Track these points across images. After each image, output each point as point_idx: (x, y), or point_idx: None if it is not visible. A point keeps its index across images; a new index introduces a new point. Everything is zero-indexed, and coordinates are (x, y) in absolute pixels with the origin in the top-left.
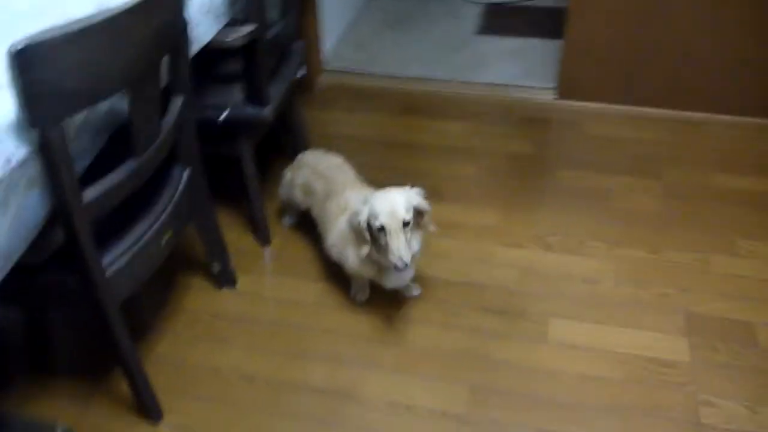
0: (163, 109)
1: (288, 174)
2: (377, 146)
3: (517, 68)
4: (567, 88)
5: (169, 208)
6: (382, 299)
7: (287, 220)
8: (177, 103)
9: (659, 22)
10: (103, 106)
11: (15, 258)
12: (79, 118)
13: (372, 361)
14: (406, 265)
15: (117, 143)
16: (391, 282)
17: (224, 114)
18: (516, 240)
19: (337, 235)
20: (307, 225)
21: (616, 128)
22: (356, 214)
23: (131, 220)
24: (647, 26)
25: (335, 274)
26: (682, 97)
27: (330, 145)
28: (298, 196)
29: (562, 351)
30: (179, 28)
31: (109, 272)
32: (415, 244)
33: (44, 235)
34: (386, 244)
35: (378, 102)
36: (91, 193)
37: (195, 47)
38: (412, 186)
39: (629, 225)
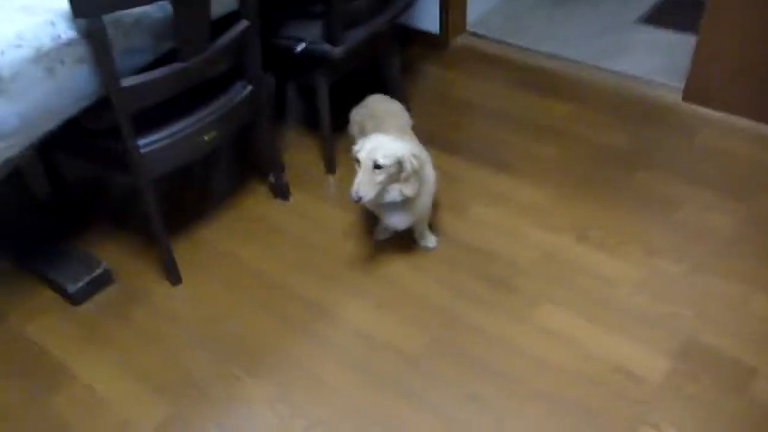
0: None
1: (353, 111)
2: (478, 111)
3: (658, 62)
4: (694, 90)
5: (218, 114)
6: (400, 244)
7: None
8: (240, 26)
9: None
10: (158, 14)
11: (63, 116)
12: (129, 18)
13: (360, 291)
14: (360, 198)
15: None
16: (387, 220)
17: (301, 45)
18: (555, 225)
19: None
20: None
21: (734, 143)
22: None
23: (178, 115)
24: None
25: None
26: None
27: (435, 102)
28: (355, 132)
29: (537, 334)
30: None
31: (144, 150)
32: (394, 194)
33: (105, 109)
34: None
35: (502, 71)
36: (128, 81)
37: None
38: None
39: (684, 240)
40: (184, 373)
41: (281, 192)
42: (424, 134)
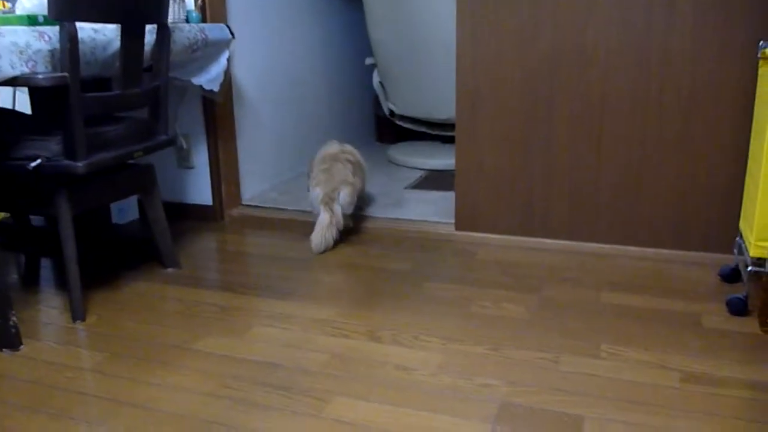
0: None
1: None
2: (256, 258)
3: (430, 210)
4: (462, 219)
5: None
6: (149, 360)
7: None
8: None
9: (545, 154)
10: None
11: None
12: None
13: (103, 420)
14: None
15: None
16: None
17: (36, 162)
18: (344, 331)
19: None
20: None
21: (509, 255)
22: None
23: None
24: (535, 157)
25: (138, 351)
26: (585, 229)
27: (209, 257)
28: None
29: (331, 426)
30: None
31: None
32: None
33: None
34: None
35: (279, 229)
36: None
37: None
38: None
39: (480, 327)
40: None
41: (8, 338)
42: (199, 281)
